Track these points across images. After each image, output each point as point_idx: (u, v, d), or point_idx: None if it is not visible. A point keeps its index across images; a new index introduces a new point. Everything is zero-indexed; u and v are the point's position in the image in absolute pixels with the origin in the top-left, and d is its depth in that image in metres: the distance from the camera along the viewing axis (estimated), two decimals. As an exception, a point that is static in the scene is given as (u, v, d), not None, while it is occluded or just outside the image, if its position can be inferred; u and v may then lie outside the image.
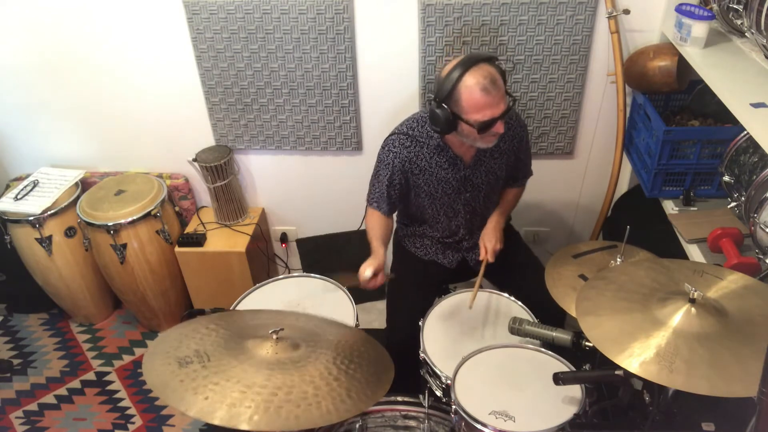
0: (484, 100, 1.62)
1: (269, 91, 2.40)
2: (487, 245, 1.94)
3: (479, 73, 1.62)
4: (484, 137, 1.70)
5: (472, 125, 1.65)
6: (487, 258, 1.91)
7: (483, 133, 1.67)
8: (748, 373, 1.15)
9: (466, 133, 1.71)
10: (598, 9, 2.12)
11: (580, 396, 1.50)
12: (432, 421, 1.71)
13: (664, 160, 2.00)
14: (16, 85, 2.53)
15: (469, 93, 1.62)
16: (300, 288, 1.97)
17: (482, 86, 1.61)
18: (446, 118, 1.67)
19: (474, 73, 1.62)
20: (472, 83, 1.62)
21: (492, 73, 1.64)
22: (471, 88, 1.62)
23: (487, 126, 1.65)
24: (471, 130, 1.67)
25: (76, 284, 2.68)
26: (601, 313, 1.37)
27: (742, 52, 1.81)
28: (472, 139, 1.72)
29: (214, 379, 1.25)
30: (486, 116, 1.64)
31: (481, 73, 1.62)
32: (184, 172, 2.70)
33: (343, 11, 2.19)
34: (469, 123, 1.66)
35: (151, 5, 2.28)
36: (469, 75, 1.62)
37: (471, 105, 1.63)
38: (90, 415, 2.43)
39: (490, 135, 1.70)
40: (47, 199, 2.51)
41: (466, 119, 1.66)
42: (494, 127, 1.67)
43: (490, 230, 1.98)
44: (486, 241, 1.95)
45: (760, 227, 1.58)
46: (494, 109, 1.64)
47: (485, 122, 1.64)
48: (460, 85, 1.63)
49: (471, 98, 1.63)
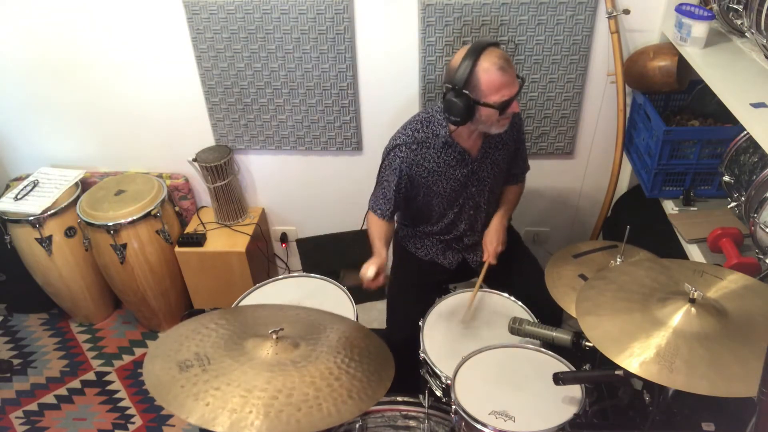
0: (503, 79, 1.65)
1: (269, 91, 2.40)
2: (488, 247, 1.95)
3: (493, 55, 1.65)
4: (501, 120, 1.72)
5: (493, 107, 1.67)
6: (489, 260, 1.92)
7: (503, 114, 1.69)
8: (748, 373, 1.15)
9: (484, 119, 1.72)
10: (598, 9, 2.12)
11: (580, 396, 1.50)
12: (432, 421, 1.71)
13: (664, 160, 2.00)
14: (16, 85, 2.53)
15: (487, 75, 1.65)
16: (300, 288, 1.97)
17: (499, 66, 1.64)
18: (466, 105, 1.68)
19: (487, 55, 1.65)
20: (488, 65, 1.64)
21: (503, 53, 1.68)
22: (488, 70, 1.64)
23: (506, 105, 1.68)
24: (491, 114, 1.69)
25: (76, 284, 2.68)
26: (601, 313, 1.37)
27: (742, 52, 1.81)
28: (490, 123, 1.74)
29: (214, 384, 1.25)
30: (505, 96, 1.67)
31: (495, 55, 1.65)
32: (184, 172, 2.70)
33: (343, 11, 2.19)
34: (489, 105, 1.67)
35: (151, 5, 2.28)
36: (483, 58, 1.65)
37: (490, 86, 1.65)
38: (90, 415, 2.43)
39: (506, 117, 1.73)
40: (47, 199, 2.51)
41: (485, 102, 1.67)
42: (511, 107, 1.70)
43: (493, 232, 1.98)
44: (488, 243, 1.96)
45: (760, 227, 1.58)
46: (511, 88, 1.68)
47: (505, 102, 1.67)
48: (478, 69, 1.65)
49: (490, 79, 1.65)
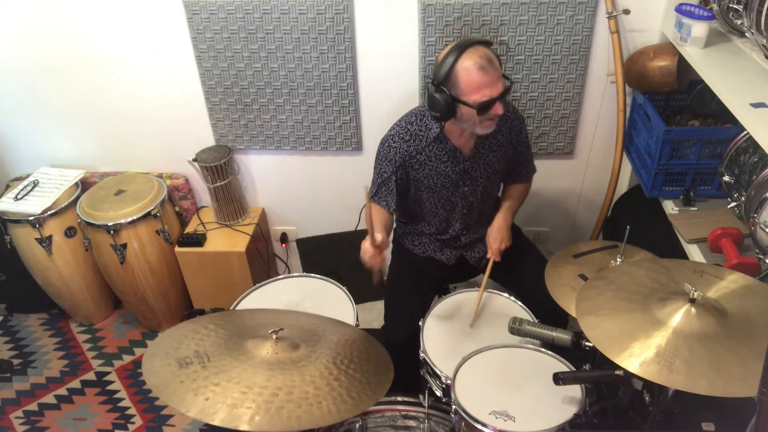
0: (482, 79, 1.63)
1: (269, 91, 2.40)
2: (492, 244, 1.93)
3: (475, 54, 1.63)
4: (483, 121, 1.70)
5: (472, 106, 1.66)
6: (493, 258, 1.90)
7: (483, 114, 1.67)
8: (748, 373, 1.15)
9: (465, 117, 1.71)
10: (598, 9, 2.12)
11: (580, 396, 1.50)
12: (432, 421, 1.71)
13: (664, 160, 2.00)
14: (16, 85, 2.53)
15: (467, 73, 1.63)
16: (300, 288, 1.97)
17: (479, 65, 1.62)
18: (445, 102, 1.67)
19: (470, 53, 1.63)
20: (468, 63, 1.63)
21: (487, 53, 1.65)
22: (468, 68, 1.63)
23: (486, 106, 1.66)
24: (471, 113, 1.68)
25: (76, 284, 2.68)
26: (601, 313, 1.37)
27: (742, 52, 1.80)
28: (472, 123, 1.72)
29: (214, 380, 1.25)
30: (485, 96, 1.64)
31: (477, 53, 1.63)
32: (184, 172, 2.70)
33: (343, 11, 2.19)
34: (468, 104, 1.66)
35: (151, 5, 2.28)
36: (465, 56, 1.63)
37: (469, 85, 1.64)
38: (90, 415, 2.43)
39: (490, 118, 1.71)
40: (47, 199, 2.50)
41: (464, 101, 1.66)
42: (493, 109, 1.67)
43: (496, 229, 1.96)
44: (492, 241, 1.94)
45: (760, 227, 1.58)
46: (492, 89, 1.65)
47: (484, 102, 1.65)
48: (458, 66, 1.64)
49: (469, 78, 1.63)
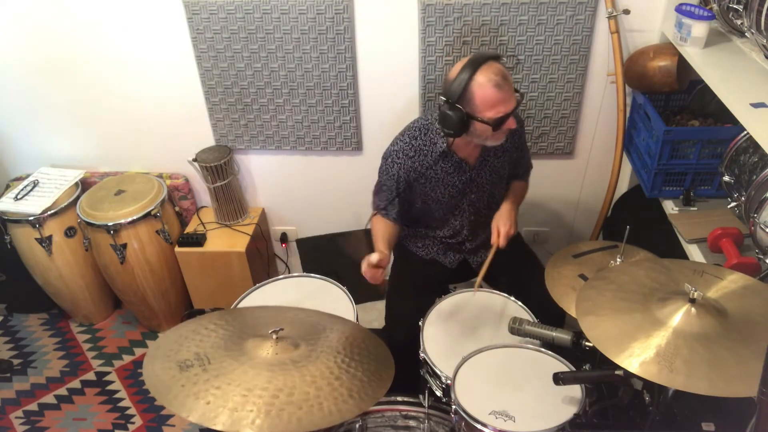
0: (498, 96, 1.63)
1: (269, 91, 2.40)
2: (501, 228, 1.85)
3: (490, 71, 1.62)
4: (495, 134, 1.71)
5: (487, 123, 1.65)
6: (498, 242, 1.84)
7: (497, 130, 1.68)
8: (748, 373, 1.15)
9: (479, 133, 1.71)
10: (598, 9, 2.12)
11: (580, 396, 1.50)
12: (432, 421, 1.71)
13: (664, 160, 2.00)
14: (16, 85, 2.52)
15: (482, 91, 1.62)
16: (300, 288, 1.97)
17: (495, 83, 1.62)
18: (460, 119, 1.66)
19: (484, 70, 1.62)
20: (484, 80, 1.62)
21: (501, 69, 1.65)
22: (484, 86, 1.62)
23: (501, 122, 1.66)
24: (485, 129, 1.68)
25: (76, 284, 2.68)
26: (601, 313, 1.37)
27: (742, 52, 1.80)
28: (485, 138, 1.72)
29: (215, 383, 1.25)
30: (500, 112, 1.64)
31: (491, 70, 1.63)
32: (184, 172, 2.70)
33: (343, 11, 2.19)
34: (484, 121, 1.66)
35: (151, 5, 2.27)
36: (480, 73, 1.62)
37: (485, 102, 1.64)
38: (90, 415, 2.43)
39: (502, 132, 1.71)
40: (47, 199, 2.50)
41: (480, 118, 1.66)
42: (507, 123, 1.67)
43: (505, 213, 1.90)
44: (500, 225, 1.86)
45: (760, 227, 1.58)
46: (507, 105, 1.65)
47: (499, 119, 1.65)
48: (473, 84, 1.63)
49: (485, 95, 1.63)
